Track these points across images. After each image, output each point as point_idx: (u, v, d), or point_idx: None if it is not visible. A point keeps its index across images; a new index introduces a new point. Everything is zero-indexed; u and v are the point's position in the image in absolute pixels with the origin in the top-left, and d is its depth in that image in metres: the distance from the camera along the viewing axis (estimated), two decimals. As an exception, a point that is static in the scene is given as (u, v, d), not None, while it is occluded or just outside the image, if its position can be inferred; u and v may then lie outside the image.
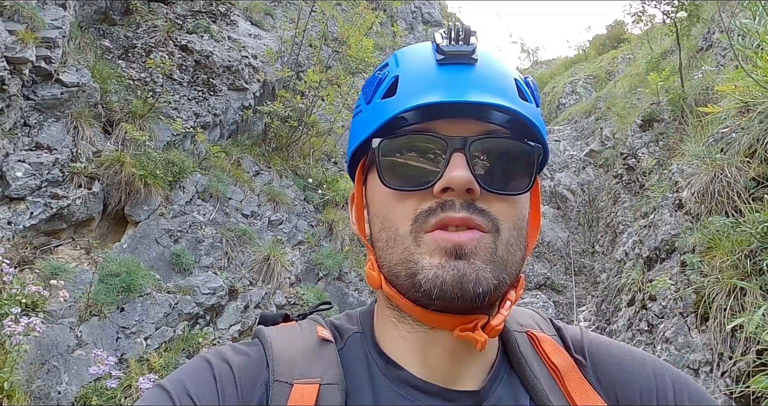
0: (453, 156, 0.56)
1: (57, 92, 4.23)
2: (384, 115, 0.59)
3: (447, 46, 0.59)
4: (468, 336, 0.56)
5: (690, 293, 2.83)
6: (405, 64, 0.62)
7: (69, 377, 3.33)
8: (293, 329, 0.65)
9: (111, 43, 5.57)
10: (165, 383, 0.57)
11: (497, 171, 0.58)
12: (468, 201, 0.56)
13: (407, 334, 0.61)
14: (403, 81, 0.60)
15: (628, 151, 7.06)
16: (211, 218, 5.02)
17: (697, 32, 7.83)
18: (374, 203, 0.62)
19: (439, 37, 0.60)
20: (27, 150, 3.97)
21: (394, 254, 0.58)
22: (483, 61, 0.60)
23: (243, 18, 7.54)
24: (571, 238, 8.19)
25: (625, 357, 0.66)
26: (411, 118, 0.58)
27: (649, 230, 3.81)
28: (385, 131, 0.59)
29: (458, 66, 0.59)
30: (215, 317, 4.42)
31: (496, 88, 0.58)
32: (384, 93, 0.61)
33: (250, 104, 6.31)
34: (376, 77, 0.64)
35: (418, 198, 0.57)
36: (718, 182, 3.05)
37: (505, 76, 0.61)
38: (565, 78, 16.47)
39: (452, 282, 0.54)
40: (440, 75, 0.59)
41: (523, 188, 0.59)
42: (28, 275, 3.53)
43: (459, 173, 0.55)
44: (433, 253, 0.55)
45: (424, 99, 0.56)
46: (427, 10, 14.30)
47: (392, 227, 0.58)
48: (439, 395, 0.59)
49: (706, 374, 2.48)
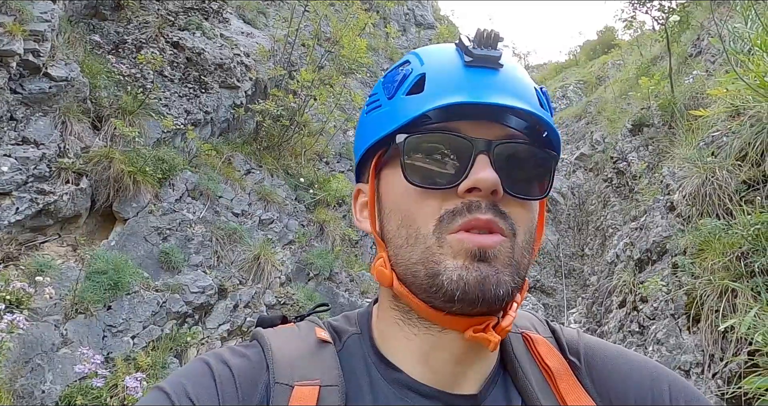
0: (478, 157, 0.56)
1: (45, 86, 4.16)
2: (411, 111, 0.59)
3: (476, 49, 0.59)
4: (481, 337, 0.56)
5: (681, 295, 2.85)
6: (431, 62, 0.62)
7: (53, 376, 3.26)
8: (292, 330, 0.65)
9: (101, 38, 5.49)
10: (164, 384, 0.57)
11: (518, 176, 0.58)
12: (492, 203, 0.56)
13: (413, 336, 0.61)
14: (431, 79, 0.60)
15: (618, 155, 7.12)
16: (201, 216, 4.97)
17: (687, 39, 7.94)
18: (392, 199, 0.61)
19: (466, 39, 0.61)
20: (13, 144, 3.89)
21: (414, 253, 0.58)
22: (507, 67, 0.61)
23: (235, 16, 7.49)
24: (560, 241, 8.23)
25: (621, 361, 0.66)
26: (435, 117, 0.59)
27: (640, 233, 3.84)
28: (409, 128, 0.59)
29: (485, 69, 0.60)
30: (204, 316, 4.36)
31: (520, 93, 0.59)
32: (409, 89, 0.61)
33: (241, 102, 6.27)
34: (399, 72, 0.63)
35: (440, 197, 0.57)
36: (710, 185, 3.07)
37: (527, 84, 0.62)
38: (556, 82, 16.60)
39: (475, 284, 0.54)
40: (468, 76, 0.59)
41: (540, 194, 0.61)
42: (13, 272, 3.46)
43: (486, 174, 0.55)
44: (457, 254, 0.55)
45: (451, 99, 0.56)
46: (420, 12, 14.33)
47: (414, 225, 0.58)
48: (437, 398, 0.59)
49: (698, 375, 2.50)
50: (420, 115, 0.58)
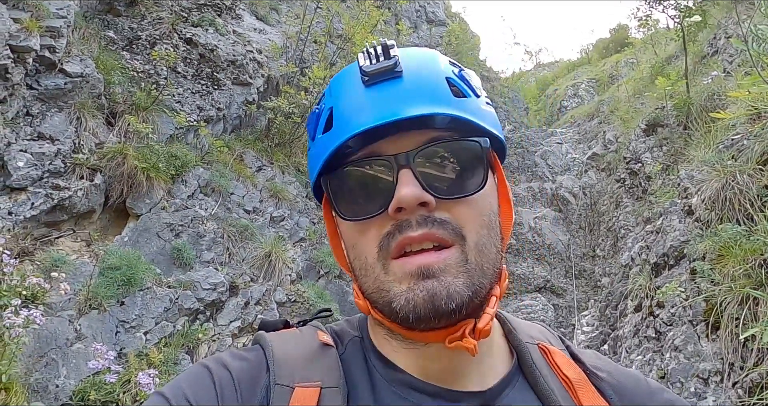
0: (400, 174, 0.55)
1: (60, 82, 4.17)
2: (325, 151, 0.59)
3: (368, 66, 0.58)
4: (458, 346, 0.56)
5: (700, 302, 2.80)
6: (337, 92, 0.62)
7: (67, 371, 3.28)
8: (294, 334, 0.66)
9: (115, 35, 5.50)
10: (164, 389, 0.57)
11: (448, 176, 0.57)
12: (424, 215, 0.55)
13: (401, 349, 0.62)
14: (337, 111, 0.60)
15: (632, 155, 7.04)
16: (212, 212, 4.97)
17: (703, 38, 7.82)
18: (344, 235, 0.63)
19: (361, 58, 0.60)
20: (29, 140, 3.91)
21: (369, 283, 0.59)
22: (409, 71, 0.59)
23: (248, 12, 7.48)
24: (571, 241, 8.17)
25: (640, 384, 0.66)
26: (355, 145, 0.58)
27: (656, 236, 3.78)
28: (335, 164, 0.59)
29: (385, 83, 0.58)
30: (215, 312, 4.37)
31: (426, 95, 0.58)
32: (324, 127, 0.61)
33: (253, 99, 6.26)
34: (315, 113, 0.64)
35: (379, 223, 0.57)
36: (730, 189, 3.02)
37: (434, 80, 0.60)
38: (567, 81, 16.47)
39: (423, 304, 0.53)
40: (369, 97, 0.58)
41: (477, 186, 0.58)
42: (28, 267, 3.48)
43: (405, 191, 0.54)
44: (402, 279, 0.55)
45: (358, 126, 0.56)
46: (432, 9, 14.26)
47: (361, 256, 0.59)
48: (442, 395, 0.59)
49: (716, 383, 2.46)
50: (339, 150, 0.57)
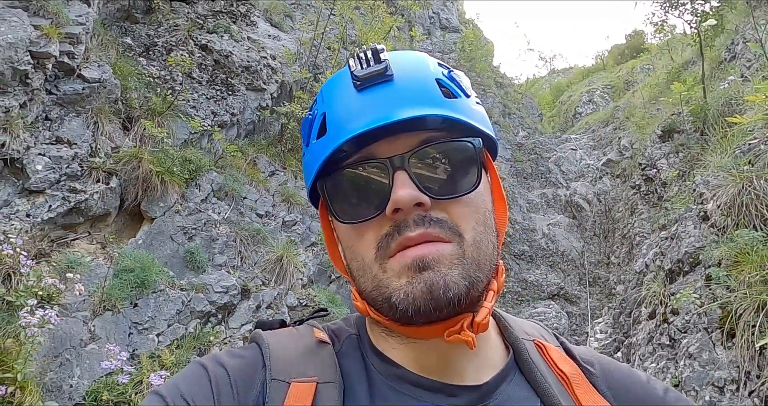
0: (395, 176, 0.56)
1: (78, 87, 4.26)
2: (321, 156, 0.60)
3: (359, 71, 0.60)
4: (456, 339, 0.57)
5: (715, 308, 2.75)
6: (329, 98, 0.63)
7: (81, 371, 3.33)
8: (290, 332, 0.67)
9: (133, 41, 5.61)
10: (160, 389, 0.58)
11: (443, 176, 0.58)
12: (421, 216, 0.56)
13: (398, 345, 0.62)
14: (330, 117, 0.61)
15: (647, 161, 6.96)
16: (225, 216, 5.02)
17: (720, 43, 7.72)
18: (342, 239, 0.64)
19: (352, 62, 0.61)
20: (47, 144, 3.99)
21: (367, 282, 0.59)
22: (400, 75, 0.60)
23: (263, 19, 7.58)
24: (585, 248, 8.08)
25: (640, 381, 0.66)
26: (349, 149, 0.59)
27: (671, 242, 3.72)
28: (330, 168, 0.60)
29: (376, 87, 0.60)
30: (227, 315, 4.40)
31: (418, 97, 0.59)
32: (317, 133, 0.62)
33: (267, 105, 6.33)
34: (308, 119, 0.65)
35: (376, 225, 0.58)
36: (746, 195, 2.97)
37: (425, 82, 0.61)
38: (582, 87, 16.36)
39: (422, 295, 0.54)
40: (362, 101, 0.59)
41: (472, 185, 0.59)
42: (45, 268, 3.54)
43: (402, 192, 0.55)
44: (400, 273, 0.56)
45: (352, 130, 0.57)
46: (445, 15, 14.30)
47: (359, 257, 0.60)
48: (439, 390, 0.59)
49: (732, 392, 2.40)
50: (333, 155, 0.58)
